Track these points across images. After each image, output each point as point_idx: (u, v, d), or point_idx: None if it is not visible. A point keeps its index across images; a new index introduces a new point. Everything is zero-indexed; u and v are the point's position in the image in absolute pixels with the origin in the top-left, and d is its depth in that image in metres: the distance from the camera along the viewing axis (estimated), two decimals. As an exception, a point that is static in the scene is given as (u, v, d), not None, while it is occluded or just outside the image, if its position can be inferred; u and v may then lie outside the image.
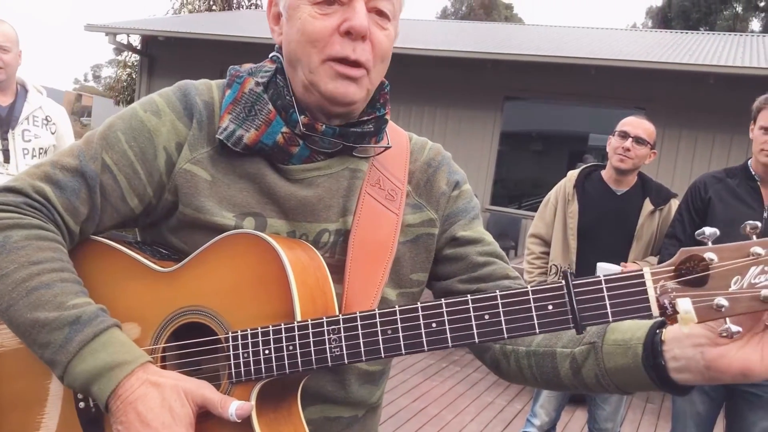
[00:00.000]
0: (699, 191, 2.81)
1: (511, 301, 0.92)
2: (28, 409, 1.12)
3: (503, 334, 0.92)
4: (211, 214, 1.07)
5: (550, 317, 0.91)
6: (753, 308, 0.83)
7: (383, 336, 0.95)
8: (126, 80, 19.61)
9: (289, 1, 1.08)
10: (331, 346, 0.96)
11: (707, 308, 0.85)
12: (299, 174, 1.10)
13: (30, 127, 3.37)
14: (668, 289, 0.87)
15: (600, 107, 8.86)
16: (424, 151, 1.24)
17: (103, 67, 65.79)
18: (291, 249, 1.02)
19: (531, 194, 10.17)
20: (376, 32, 1.07)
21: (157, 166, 1.09)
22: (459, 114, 9.92)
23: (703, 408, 2.80)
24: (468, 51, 9.72)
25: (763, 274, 0.83)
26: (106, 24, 12.40)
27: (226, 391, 1.01)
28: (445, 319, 0.93)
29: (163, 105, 1.12)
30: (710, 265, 0.86)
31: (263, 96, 1.11)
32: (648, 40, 11.84)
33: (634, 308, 0.88)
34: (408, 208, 1.17)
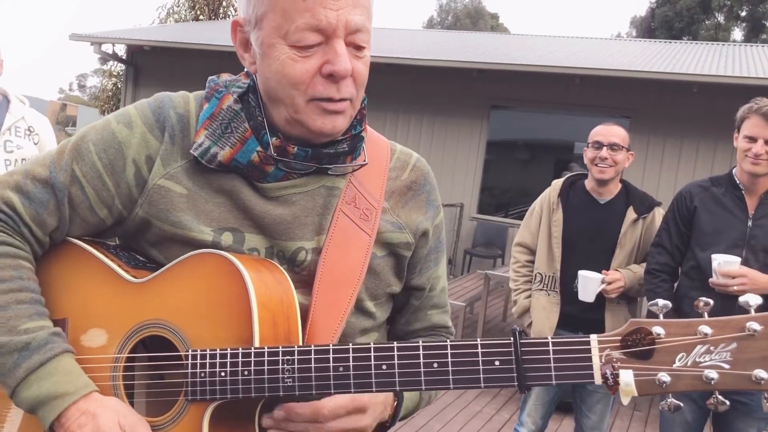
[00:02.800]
0: (685, 200, 2.83)
1: (461, 352, 0.93)
2: (3, 400, 1.14)
3: (449, 384, 0.93)
4: (189, 230, 1.08)
5: (496, 372, 0.92)
6: (694, 387, 0.85)
7: (334, 372, 0.96)
8: (111, 90, 19.49)
9: (262, 37, 1.04)
10: (284, 376, 0.97)
11: (649, 382, 0.87)
12: (275, 192, 1.10)
13: (12, 138, 3.33)
14: (613, 358, 0.88)
15: (585, 116, 8.91)
16: (406, 170, 1.22)
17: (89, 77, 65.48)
18: (257, 271, 1.02)
19: (517, 203, 10.21)
20: (356, 65, 1.05)
21: (126, 178, 1.09)
22: (445, 123, 9.95)
23: (691, 416, 2.80)
24: (454, 60, 9.76)
25: (708, 354, 0.85)
26: (92, 33, 12.34)
27: (181, 407, 1.01)
28: (395, 362, 0.95)
29: (135, 116, 1.11)
30: (656, 340, 0.87)
31: (241, 114, 1.10)
32: (632, 49, 11.95)
33: (577, 374, 0.89)
34: (388, 225, 1.16)
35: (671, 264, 2.87)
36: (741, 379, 0.84)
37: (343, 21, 1.00)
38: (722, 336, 0.85)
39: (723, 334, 0.85)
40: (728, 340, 0.85)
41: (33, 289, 1.07)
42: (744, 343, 0.84)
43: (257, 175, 1.09)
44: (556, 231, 3.24)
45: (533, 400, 3.39)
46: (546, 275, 3.27)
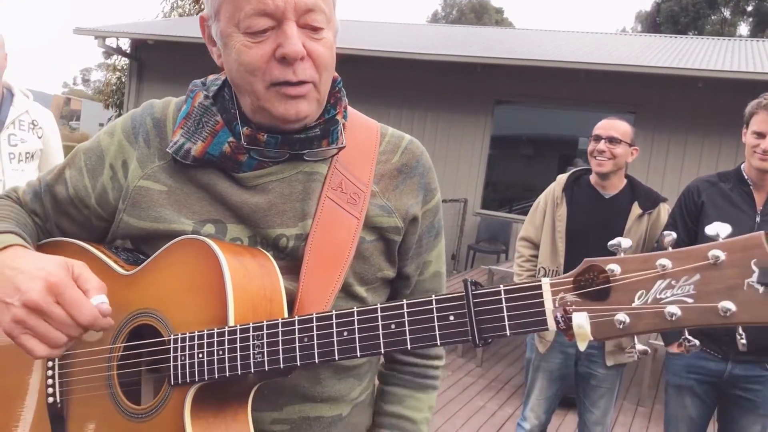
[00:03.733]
0: (692, 195, 2.81)
1: (416, 310, 0.91)
2: (12, 402, 1.19)
3: (407, 345, 0.91)
4: (169, 222, 1.11)
5: (451, 328, 0.89)
6: (657, 326, 0.79)
7: (300, 343, 0.95)
8: (115, 84, 19.49)
9: (221, 28, 1.06)
10: (254, 352, 0.96)
11: (606, 324, 0.81)
12: (251, 181, 1.11)
13: (16, 132, 3.33)
14: (567, 301, 0.83)
15: (590, 111, 8.89)
16: (397, 152, 1.21)
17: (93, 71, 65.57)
18: (237, 255, 1.03)
19: (521, 198, 10.19)
20: (313, 46, 1.04)
21: (102, 180, 1.17)
22: (449, 118, 9.93)
23: (695, 412, 2.79)
24: (458, 55, 9.73)
25: (670, 288, 0.78)
26: (96, 27, 12.35)
27: (166, 392, 1.02)
28: (355, 327, 0.93)
29: (118, 127, 1.20)
30: (611, 277, 0.81)
31: (212, 108, 1.13)
32: (637, 44, 11.91)
33: (530, 321, 0.85)
34: (377, 209, 1.15)
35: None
36: (706, 312, 0.77)
37: (292, 3, 1.00)
38: (683, 267, 0.78)
39: (684, 266, 0.78)
40: (690, 272, 0.77)
41: (25, 223, 1.18)
42: (708, 273, 0.77)
43: (232, 166, 1.11)
44: (560, 225, 3.24)
45: (536, 394, 3.39)
46: (549, 269, 3.27)
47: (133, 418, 1.05)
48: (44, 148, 3.47)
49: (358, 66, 9.48)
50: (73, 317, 0.94)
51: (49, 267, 0.96)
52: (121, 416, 1.07)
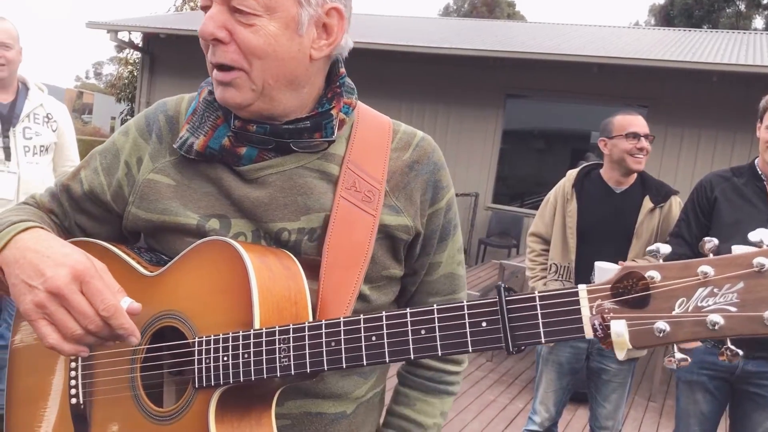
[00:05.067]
0: (705, 190, 2.80)
1: (447, 315, 0.89)
2: (35, 403, 1.19)
3: (437, 351, 0.89)
4: (174, 215, 1.12)
5: (484, 335, 0.87)
6: (698, 335, 0.76)
7: (327, 347, 0.93)
8: (127, 78, 19.59)
9: None
10: (281, 356, 0.95)
11: (646, 332, 0.78)
12: (253, 174, 1.12)
13: (31, 125, 3.36)
14: (605, 309, 0.80)
15: (602, 105, 8.84)
16: (408, 150, 1.19)
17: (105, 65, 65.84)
18: (262, 257, 1.02)
19: (533, 192, 10.16)
20: (238, 31, 1.02)
21: (117, 177, 1.19)
22: (461, 112, 9.91)
23: (707, 408, 2.78)
24: (470, 49, 9.70)
25: (712, 296, 0.75)
26: (108, 21, 12.39)
27: (190, 396, 1.02)
28: (384, 332, 0.91)
29: (132, 126, 1.23)
30: (651, 284, 0.78)
31: (214, 103, 1.14)
32: (651, 38, 11.82)
33: (567, 329, 0.82)
34: (386, 209, 1.14)
35: (690, 255, 2.84)
36: (751, 322, 0.73)
37: None
38: (726, 275, 0.75)
39: (727, 273, 0.75)
40: (733, 280, 0.74)
41: (38, 219, 1.17)
42: (752, 281, 0.74)
43: (233, 160, 1.12)
44: (570, 221, 3.23)
45: (544, 386, 3.39)
46: (561, 266, 3.26)
47: (156, 421, 1.04)
48: (58, 141, 3.50)
49: (368, 60, 9.46)
50: (94, 306, 0.93)
51: (76, 255, 0.96)
52: (144, 418, 1.06)
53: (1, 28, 3.25)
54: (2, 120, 3.26)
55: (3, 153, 3.24)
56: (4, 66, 3.24)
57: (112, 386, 1.11)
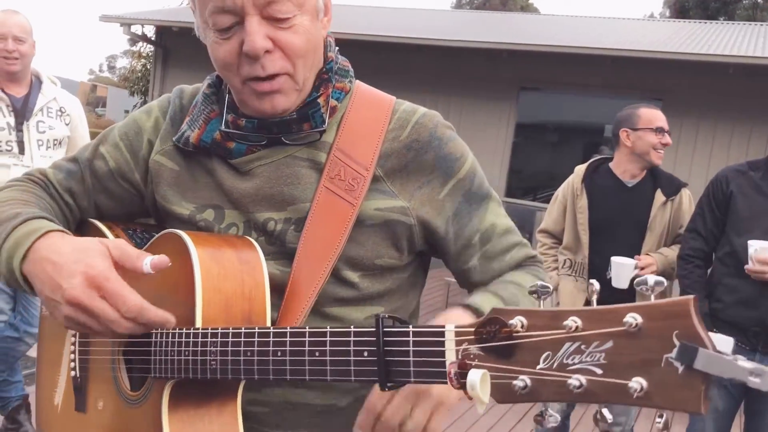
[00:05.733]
0: (721, 184, 2.77)
1: (337, 340, 0.85)
2: (52, 368, 1.29)
3: (326, 376, 0.86)
4: (171, 203, 1.15)
5: (365, 365, 0.82)
6: (560, 397, 0.66)
7: (244, 357, 0.93)
8: (141, 71, 19.65)
9: (198, 23, 1.08)
10: (210, 358, 0.95)
11: (505, 387, 0.69)
12: (243, 166, 1.13)
13: (44, 119, 3.37)
14: (471, 354, 0.72)
15: (616, 98, 8.77)
16: (406, 128, 1.13)
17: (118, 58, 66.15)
18: (216, 250, 1.02)
19: (546, 186, 10.11)
20: (281, 36, 1.01)
21: (142, 154, 1.21)
22: (474, 105, 9.87)
23: (722, 404, 2.76)
24: (483, 41, 9.65)
25: (579, 353, 0.65)
26: (121, 15, 12.44)
27: (150, 384, 1.04)
28: (287, 349, 0.89)
29: (155, 105, 1.25)
30: (514, 333, 0.69)
31: (211, 97, 1.17)
32: (665, 30, 11.71)
33: (432, 371, 0.76)
34: (375, 193, 1.10)
35: (705, 249, 2.82)
36: (615, 389, 0.63)
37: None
38: (595, 331, 0.65)
39: (596, 329, 0.65)
40: (602, 337, 0.64)
41: (48, 210, 1.15)
42: (622, 341, 0.63)
43: (224, 153, 1.13)
44: (581, 217, 3.21)
45: None
46: (575, 261, 3.24)
47: (127, 403, 1.09)
48: (71, 134, 3.51)
49: (381, 52, 9.44)
50: (117, 310, 0.92)
51: (88, 258, 0.94)
52: (119, 399, 1.11)
53: (15, 22, 3.26)
54: (16, 114, 3.27)
55: (17, 147, 3.25)
56: (18, 60, 3.24)
57: (100, 365, 1.16)
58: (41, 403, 1.32)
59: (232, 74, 1.05)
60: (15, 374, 3.52)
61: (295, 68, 1.04)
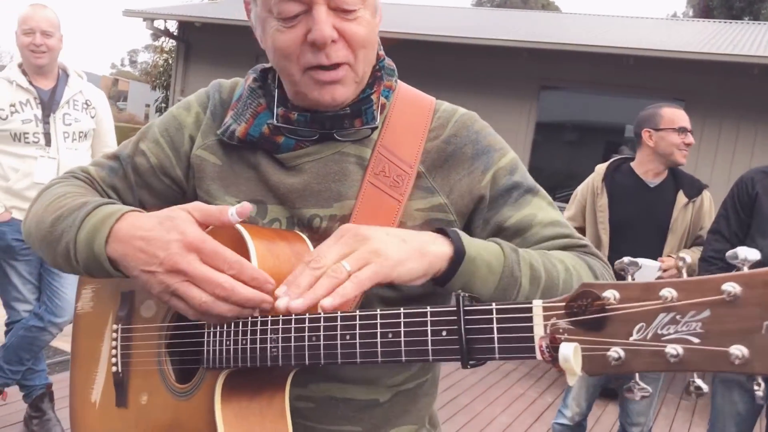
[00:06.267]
0: (746, 186, 2.75)
1: (412, 321, 0.85)
2: (88, 365, 1.28)
3: (401, 357, 0.85)
4: (215, 198, 1.15)
5: (444, 344, 0.82)
6: (656, 366, 0.67)
7: (308, 342, 0.92)
8: (163, 65, 19.79)
9: (258, 12, 1.08)
10: (270, 345, 0.95)
11: (598, 359, 0.70)
12: (289, 161, 1.13)
13: (70, 111, 3.41)
14: (560, 329, 0.73)
15: (638, 98, 8.69)
16: (447, 126, 1.16)
17: (140, 53, 66.64)
18: (269, 242, 1.02)
19: (565, 185, 10.04)
20: (346, 26, 1.03)
21: (185, 151, 1.21)
22: (494, 103, 9.83)
23: (744, 407, 2.74)
24: (504, 39, 9.61)
25: (674, 323, 0.67)
26: (144, 9, 12.54)
27: (201, 375, 1.03)
28: (356, 332, 0.88)
29: (193, 101, 1.24)
30: (607, 305, 0.70)
31: (258, 91, 1.16)
32: (689, 30, 11.59)
33: (519, 347, 0.77)
34: (418, 191, 1.11)
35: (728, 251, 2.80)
36: (714, 357, 0.64)
37: None
38: (691, 301, 0.66)
39: (692, 299, 0.66)
40: (699, 306, 0.65)
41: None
42: (720, 310, 0.64)
43: (271, 147, 1.13)
44: (601, 216, 3.19)
45: (578, 382, 3.37)
46: None
47: (176, 396, 1.08)
48: (97, 127, 3.55)
49: (400, 50, 9.42)
50: (220, 269, 0.91)
51: (178, 226, 0.93)
52: (167, 392, 1.10)
53: (43, 16, 3.30)
54: (43, 106, 3.32)
55: (43, 138, 3.29)
56: (45, 53, 3.29)
57: (144, 359, 1.15)
58: (76, 400, 1.32)
59: (291, 63, 1.05)
60: (39, 363, 3.58)
61: (357, 59, 1.06)
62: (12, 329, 3.44)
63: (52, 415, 3.57)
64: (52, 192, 1.16)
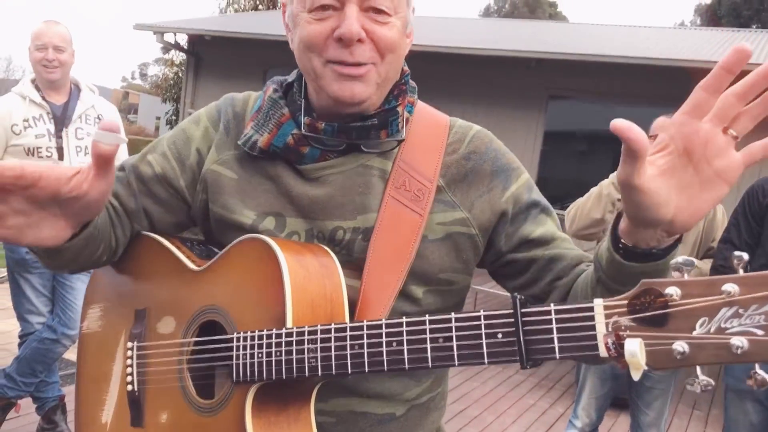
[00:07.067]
0: (757, 195, 2.74)
1: (464, 325, 0.87)
2: (98, 385, 1.27)
3: (454, 361, 0.87)
4: (232, 212, 1.15)
5: (500, 347, 0.85)
6: (720, 358, 0.70)
7: (351, 351, 0.93)
8: (173, 78, 19.94)
9: (293, 10, 1.10)
10: (308, 356, 0.95)
11: (663, 353, 0.73)
12: (313, 173, 1.13)
13: (83, 125, 3.45)
14: (622, 326, 0.76)
15: (646, 107, 8.68)
16: (464, 141, 1.18)
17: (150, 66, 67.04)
18: (298, 255, 1.03)
19: (574, 194, 9.98)
20: (375, 29, 1.05)
21: (190, 163, 1.21)
22: (502, 113, 9.84)
23: (757, 418, 2.73)
24: (512, 50, 9.63)
25: (737, 317, 0.70)
26: (154, 23, 12.64)
27: (230, 389, 1.04)
28: (404, 338, 0.90)
29: (203, 115, 1.25)
30: (669, 302, 0.73)
31: (279, 101, 1.17)
32: (697, 38, 11.58)
33: (581, 345, 0.80)
34: (439, 205, 1.13)
35: (738, 260, 2.79)
36: None
37: None
38: (753, 295, 0.69)
39: (754, 293, 0.69)
40: (761, 300, 0.69)
41: None
42: None
43: (295, 158, 1.13)
44: None
45: (587, 393, 3.37)
46: None
47: (200, 412, 1.08)
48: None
49: (410, 61, 9.45)
50: None
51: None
52: (190, 409, 1.09)
53: (55, 32, 3.35)
54: (55, 120, 3.35)
55: (56, 153, 3.33)
56: (58, 68, 3.33)
57: (163, 376, 1.15)
58: (84, 421, 1.30)
59: (314, 55, 1.06)
60: (52, 375, 3.60)
61: (383, 61, 1.07)
62: (25, 341, 3.47)
63: (64, 427, 3.59)
64: None
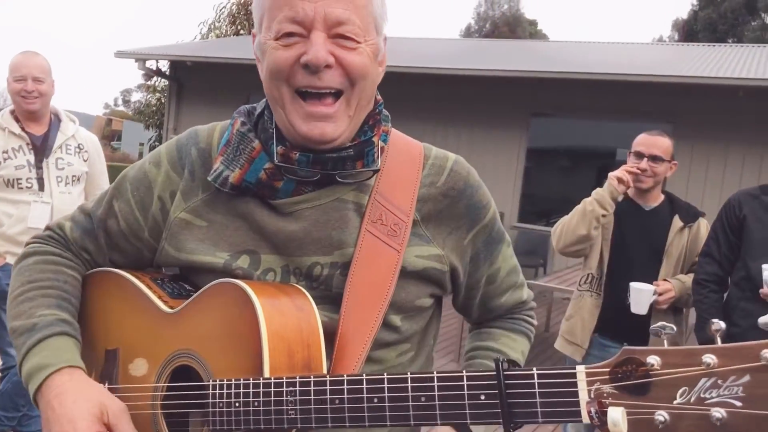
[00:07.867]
0: (734, 209, 2.77)
1: (447, 385, 0.87)
2: None
3: (436, 420, 0.87)
4: (203, 254, 1.12)
5: (482, 408, 0.85)
6: (701, 428, 0.72)
7: (331, 405, 0.92)
8: (155, 105, 19.92)
9: (261, 39, 1.08)
10: (287, 408, 0.94)
11: (645, 423, 0.74)
12: (288, 208, 1.11)
13: (63, 156, 3.44)
14: (604, 393, 0.77)
15: (628, 122, 8.78)
16: (442, 175, 1.17)
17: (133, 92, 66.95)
18: (274, 299, 1.01)
19: (559, 211, 10.02)
20: (343, 55, 1.03)
21: (153, 212, 1.19)
22: (485, 131, 9.91)
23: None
24: (494, 69, 9.73)
25: (715, 388, 0.71)
26: (136, 50, 12.65)
27: None
28: (385, 395, 0.89)
29: (163, 156, 1.21)
30: (651, 371, 0.75)
31: (248, 135, 1.13)
32: (674, 53, 11.76)
33: (564, 411, 0.80)
34: (415, 239, 1.13)
35: (720, 274, 2.81)
36: (757, 420, 0.69)
37: (321, 14, 1.01)
38: (731, 367, 0.71)
39: (732, 365, 0.71)
40: (739, 372, 0.70)
41: (65, 290, 1.19)
42: (759, 375, 0.69)
43: (269, 193, 1.11)
44: (606, 233, 3.20)
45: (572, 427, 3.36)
46: (595, 277, 3.22)
47: None
48: (89, 170, 3.57)
49: (391, 82, 9.50)
50: None
51: (80, 422, 1.01)
52: None
53: (35, 63, 3.35)
54: (36, 151, 3.34)
55: (37, 183, 3.31)
56: (38, 99, 3.33)
57: (136, 420, 1.11)
58: None
59: (281, 84, 1.05)
60: (34, 409, 3.52)
61: (353, 89, 1.06)
62: (7, 375, 3.42)
63: (48, 461, 3.53)
64: (23, 274, 1.20)
